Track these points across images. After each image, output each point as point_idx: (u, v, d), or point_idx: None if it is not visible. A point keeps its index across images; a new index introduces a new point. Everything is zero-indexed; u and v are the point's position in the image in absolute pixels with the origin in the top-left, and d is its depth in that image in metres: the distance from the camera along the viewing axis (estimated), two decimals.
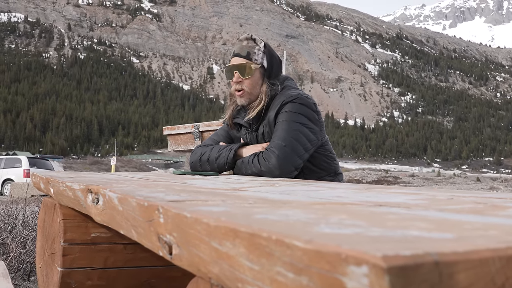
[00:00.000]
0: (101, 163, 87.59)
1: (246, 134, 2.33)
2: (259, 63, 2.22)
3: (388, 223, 0.51)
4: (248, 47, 2.23)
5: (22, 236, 3.42)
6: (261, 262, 0.44)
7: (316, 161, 2.25)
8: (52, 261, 1.60)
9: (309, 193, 0.99)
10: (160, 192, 0.94)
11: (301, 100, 2.16)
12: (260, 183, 1.44)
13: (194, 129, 3.97)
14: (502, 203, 0.76)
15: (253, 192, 1.03)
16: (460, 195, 0.91)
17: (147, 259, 1.58)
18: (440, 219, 0.55)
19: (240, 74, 2.20)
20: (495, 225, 0.50)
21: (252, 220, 0.53)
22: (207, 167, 2.27)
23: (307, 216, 0.58)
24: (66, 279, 1.50)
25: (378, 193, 0.98)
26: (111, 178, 1.66)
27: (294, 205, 0.72)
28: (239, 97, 2.24)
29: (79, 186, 1.25)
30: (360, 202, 0.78)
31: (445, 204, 0.74)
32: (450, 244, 0.39)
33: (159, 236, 0.69)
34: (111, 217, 0.98)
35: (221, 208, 0.65)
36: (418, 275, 0.34)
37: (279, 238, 0.42)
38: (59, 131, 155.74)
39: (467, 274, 0.35)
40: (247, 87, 2.21)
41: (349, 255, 0.36)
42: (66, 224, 1.54)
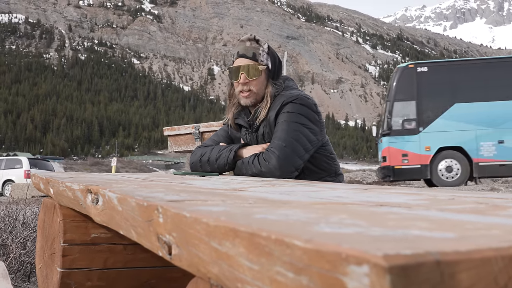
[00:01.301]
0: (101, 164, 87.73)
1: (246, 134, 2.33)
2: (265, 64, 2.21)
3: (389, 223, 0.51)
4: (252, 48, 2.22)
5: (22, 237, 3.42)
6: (261, 261, 0.44)
7: (316, 162, 2.24)
8: (52, 262, 1.60)
9: (309, 193, 0.99)
10: (160, 192, 0.93)
11: (301, 101, 2.15)
12: (260, 183, 1.44)
13: (194, 130, 3.97)
14: (503, 203, 0.76)
15: (253, 192, 1.03)
16: (461, 195, 0.91)
17: (147, 259, 1.58)
18: (441, 219, 0.55)
19: (247, 75, 2.19)
20: (497, 225, 0.50)
21: (251, 220, 0.53)
22: (207, 167, 2.27)
23: (307, 215, 0.58)
24: (66, 279, 1.50)
25: (379, 194, 0.98)
26: (110, 178, 1.65)
27: (294, 205, 0.72)
28: (244, 97, 2.22)
29: (78, 187, 1.25)
30: (360, 202, 0.77)
31: (446, 204, 0.74)
32: (451, 243, 0.38)
33: (159, 236, 0.68)
34: (110, 217, 0.98)
35: (221, 208, 0.65)
36: (419, 275, 0.34)
37: (278, 237, 0.42)
38: (60, 132, 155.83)
39: (469, 273, 0.35)
40: (254, 88, 2.20)
41: (349, 255, 0.35)
42: (65, 225, 1.54)
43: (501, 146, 11.85)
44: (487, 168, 11.89)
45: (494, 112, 11.88)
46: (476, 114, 11.94)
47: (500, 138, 11.84)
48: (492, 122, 11.91)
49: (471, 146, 11.89)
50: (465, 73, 12.44)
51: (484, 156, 11.89)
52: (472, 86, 12.15)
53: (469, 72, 12.47)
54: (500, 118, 11.86)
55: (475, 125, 11.93)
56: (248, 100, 2.22)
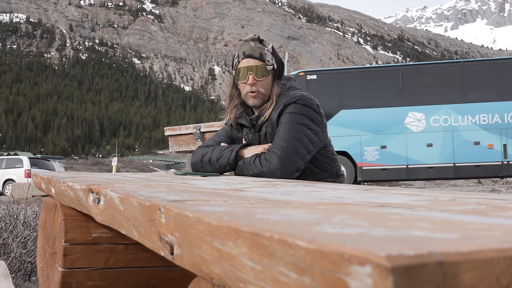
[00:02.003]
0: (102, 163, 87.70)
1: (248, 134, 2.32)
2: (271, 64, 2.21)
3: (391, 223, 0.51)
4: (258, 48, 2.21)
5: (23, 236, 3.42)
6: (263, 262, 0.44)
7: (318, 163, 2.24)
8: (53, 261, 1.60)
9: (311, 194, 0.99)
10: (162, 192, 0.94)
11: (304, 101, 2.15)
12: (262, 183, 1.44)
13: (195, 130, 3.97)
14: (504, 204, 0.76)
15: (255, 192, 1.03)
16: (463, 196, 0.91)
17: (148, 259, 1.58)
18: (443, 219, 0.55)
19: (255, 75, 2.18)
20: (499, 226, 0.50)
21: (254, 220, 0.53)
22: (208, 167, 2.27)
23: (309, 216, 0.58)
24: (67, 279, 1.50)
25: (380, 194, 0.98)
26: (112, 178, 1.65)
27: (296, 205, 0.72)
28: (252, 97, 2.21)
29: (80, 186, 1.25)
30: (362, 202, 0.77)
31: (448, 205, 0.74)
32: (454, 244, 0.38)
33: (161, 236, 0.68)
34: (112, 217, 0.98)
35: (223, 208, 0.65)
36: (422, 275, 0.34)
37: (281, 237, 0.42)
38: (61, 131, 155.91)
39: (471, 274, 0.35)
40: (262, 89, 2.20)
41: (352, 255, 0.35)
42: (67, 224, 1.54)
43: (383, 151, 12.25)
44: (370, 172, 12.28)
45: (377, 118, 12.30)
46: (361, 120, 12.36)
47: (383, 144, 12.24)
48: (375, 128, 12.30)
49: (356, 151, 12.29)
50: (351, 81, 12.89)
51: (368, 160, 12.28)
52: (357, 93, 12.61)
53: (355, 80, 12.91)
54: (383, 124, 12.25)
55: (359, 130, 12.32)
56: (256, 100, 2.22)
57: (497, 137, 11.81)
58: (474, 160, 11.83)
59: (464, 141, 11.89)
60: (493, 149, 11.83)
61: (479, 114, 11.84)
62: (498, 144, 11.84)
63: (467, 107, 11.95)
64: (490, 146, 11.86)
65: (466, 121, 11.91)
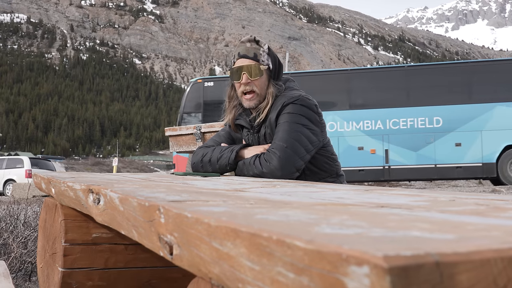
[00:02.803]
0: (102, 164, 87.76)
1: (248, 135, 2.33)
2: (266, 64, 2.22)
3: (389, 224, 0.51)
4: (253, 49, 2.22)
5: (24, 236, 3.43)
6: (262, 262, 0.44)
7: (317, 163, 2.24)
8: (53, 261, 1.60)
9: (310, 194, 0.99)
10: (161, 193, 0.94)
11: (302, 101, 2.15)
12: (261, 184, 1.44)
13: (196, 130, 3.97)
14: (504, 205, 0.76)
15: (254, 193, 1.03)
16: (462, 197, 0.91)
17: (147, 260, 1.58)
18: (442, 220, 0.55)
19: (248, 75, 2.19)
20: (497, 226, 0.50)
21: (253, 220, 0.53)
22: (208, 168, 2.27)
23: (308, 216, 0.58)
24: (67, 279, 1.50)
25: (380, 195, 0.98)
26: (112, 178, 1.66)
27: (295, 205, 0.72)
28: (247, 100, 2.22)
29: (80, 186, 1.25)
30: (361, 203, 0.78)
31: (447, 205, 0.74)
32: (451, 244, 0.38)
33: (160, 236, 0.69)
34: (112, 217, 0.98)
35: (222, 209, 0.65)
36: (419, 276, 0.34)
37: (280, 238, 0.42)
38: (61, 131, 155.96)
39: (468, 275, 0.35)
40: (256, 88, 2.20)
41: (350, 255, 0.35)
42: (67, 224, 1.54)
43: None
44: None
45: None
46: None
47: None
48: None
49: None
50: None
51: None
52: None
53: None
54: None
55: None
56: (251, 102, 2.23)
57: (379, 143, 12.33)
58: (357, 165, 12.31)
59: (349, 146, 12.37)
60: (376, 154, 12.34)
61: (363, 121, 12.42)
62: (380, 149, 12.35)
63: (352, 114, 12.55)
64: (373, 152, 12.36)
65: (351, 127, 12.48)
